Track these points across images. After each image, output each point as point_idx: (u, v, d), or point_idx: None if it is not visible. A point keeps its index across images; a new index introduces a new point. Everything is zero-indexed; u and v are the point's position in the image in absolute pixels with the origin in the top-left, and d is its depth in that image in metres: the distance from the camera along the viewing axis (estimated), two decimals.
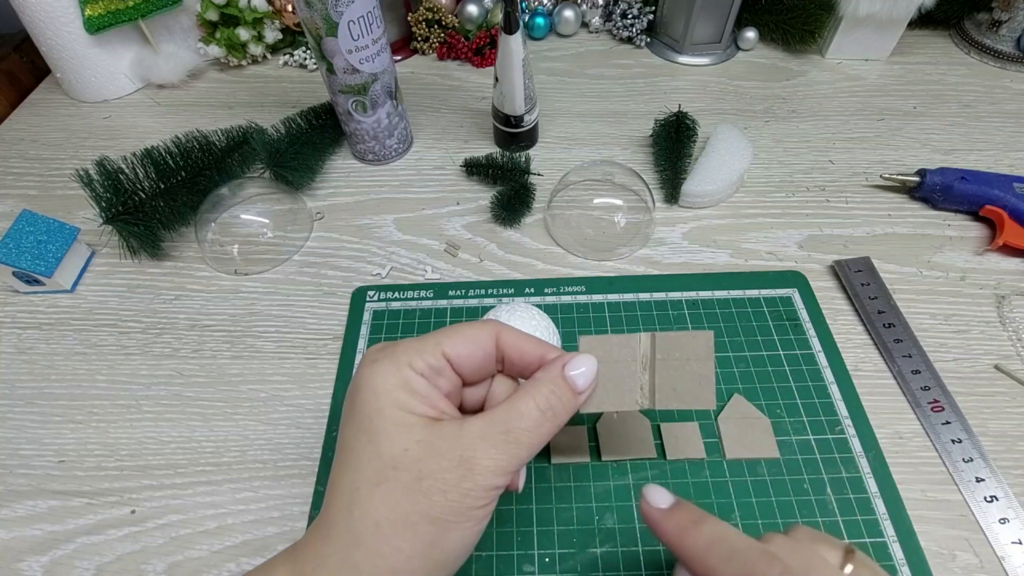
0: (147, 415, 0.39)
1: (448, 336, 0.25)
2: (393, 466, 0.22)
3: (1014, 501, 0.33)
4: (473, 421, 0.24)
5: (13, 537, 0.34)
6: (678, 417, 0.37)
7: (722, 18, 0.61)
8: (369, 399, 0.23)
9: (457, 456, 0.22)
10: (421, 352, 0.24)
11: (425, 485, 0.22)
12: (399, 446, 0.22)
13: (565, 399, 0.25)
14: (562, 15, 0.68)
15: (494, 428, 0.23)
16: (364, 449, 0.23)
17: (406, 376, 0.24)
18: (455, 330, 0.26)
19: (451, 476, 0.22)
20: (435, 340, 0.25)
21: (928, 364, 0.38)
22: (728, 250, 0.46)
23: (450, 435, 0.23)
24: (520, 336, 0.26)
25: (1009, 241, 0.44)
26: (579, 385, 0.25)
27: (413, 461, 0.22)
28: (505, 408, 0.24)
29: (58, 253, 0.44)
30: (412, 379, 0.24)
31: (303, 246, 0.48)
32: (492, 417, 0.24)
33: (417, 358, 0.24)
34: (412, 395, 0.23)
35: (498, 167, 0.51)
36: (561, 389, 0.25)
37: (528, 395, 0.24)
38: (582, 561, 0.32)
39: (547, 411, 0.24)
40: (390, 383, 0.23)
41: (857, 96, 0.60)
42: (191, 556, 0.33)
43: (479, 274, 0.46)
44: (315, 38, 0.44)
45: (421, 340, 0.25)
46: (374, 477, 0.22)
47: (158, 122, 0.61)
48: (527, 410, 0.24)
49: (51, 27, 0.57)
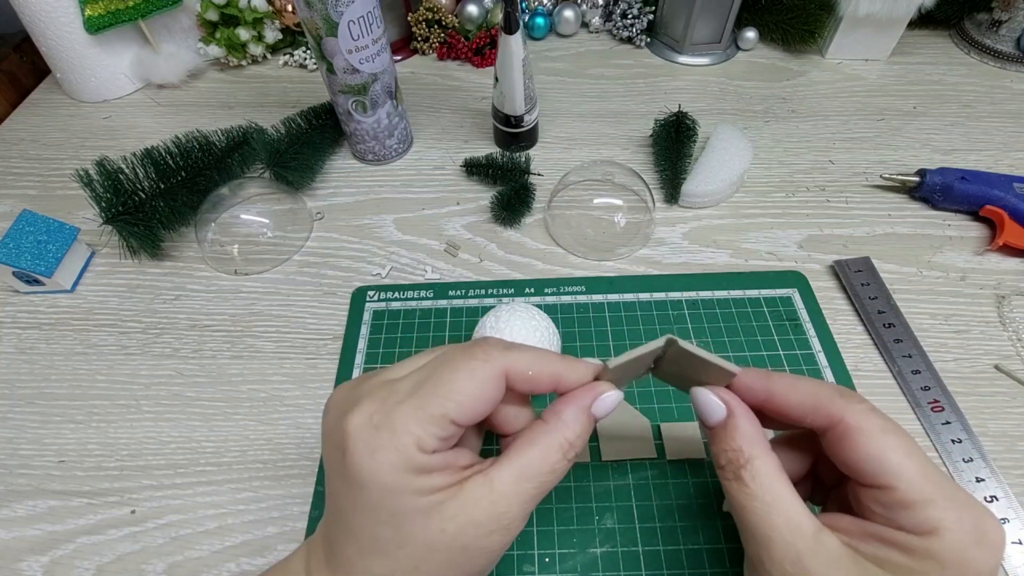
0: (147, 415, 0.39)
1: (453, 398, 0.22)
2: (430, 548, 0.21)
3: (1014, 501, 0.33)
4: (501, 475, 0.22)
5: (13, 537, 0.34)
6: (678, 417, 0.37)
7: (722, 18, 0.61)
8: (384, 498, 0.21)
9: (495, 522, 0.22)
10: (426, 428, 0.21)
11: (468, 555, 0.21)
12: (434, 530, 0.21)
13: (587, 435, 0.24)
14: (562, 15, 0.68)
15: (524, 483, 0.22)
16: (391, 540, 0.21)
17: (418, 463, 0.21)
18: (458, 387, 0.22)
19: (492, 540, 0.22)
20: (440, 407, 0.21)
21: (928, 364, 0.38)
22: (728, 250, 0.46)
23: (482, 499, 0.21)
24: (531, 363, 0.24)
25: (1009, 241, 0.44)
26: (599, 416, 0.24)
27: (452, 539, 0.21)
28: (534, 458, 0.23)
29: (58, 253, 0.44)
30: (425, 462, 0.21)
31: (303, 246, 0.48)
32: (520, 467, 0.22)
33: (425, 437, 0.21)
34: (429, 475, 0.21)
35: (498, 167, 0.51)
36: (586, 428, 0.24)
37: (555, 440, 0.23)
38: (582, 561, 0.32)
39: (570, 454, 0.23)
40: (402, 478, 0.21)
41: (857, 96, 0.60)
42: (191, 556, 0.33)
43: (479, 274, 0.46)
44: (315, 38, 0.44)
45: (420, 409, 0.21)
46: (410, 563, 0.21)
47: (158, 122, 0.61)
48: (555, 460, 0.23)
49: (51, 27, 0.57)
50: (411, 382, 0.22)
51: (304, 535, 0.33)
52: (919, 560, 0.20)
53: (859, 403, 0.23)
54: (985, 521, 0.20)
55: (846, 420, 0.22)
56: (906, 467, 0.21)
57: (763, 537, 0.22)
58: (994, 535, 0.20)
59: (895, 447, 0.21)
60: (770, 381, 0.24)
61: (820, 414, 0.23)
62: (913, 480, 0.21)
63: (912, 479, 0.21)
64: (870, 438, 0.22)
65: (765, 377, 0.25)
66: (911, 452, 0.21)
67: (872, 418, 0.22)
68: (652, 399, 0.37)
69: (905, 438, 0.22)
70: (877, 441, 0.21)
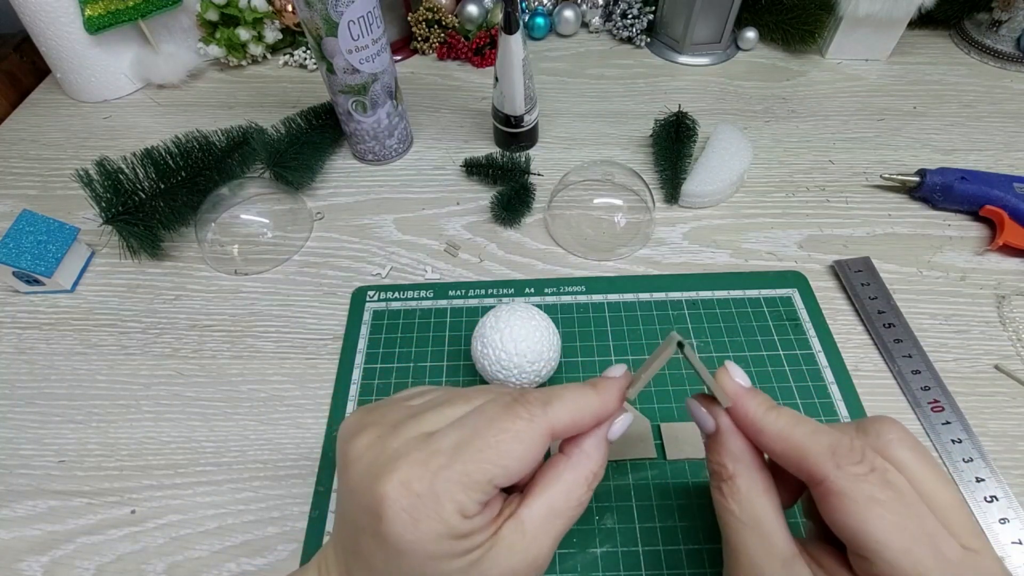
0: (147, 415, 0.39)
1: (499, 462, 0.21)
2: None
3: (1014, 501, 0.33)
4: (531, 515, 0.22)
5: (13, 537, 0.34)
6: (678, 417, 0.37)
7: (722, 18, 0.61)
8: (424, 564, 0.20)
9: (530, 566, 0.22)
10: (469, 495, 0.20)
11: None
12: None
13: (606, 461, 0.24)
14: (562, 15, 0.68)
15: (554, 519, 0.22)
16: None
17: (460, 530, 0.20)
18: (504, 449, 0.21)
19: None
20: (486, 473, 0.21)
21: (928, 364, 0.38)
22: (728, 250, 0.46)
23: (516, 545, 0.21)
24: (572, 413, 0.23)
25: (1009, 241, 0.44)
26: (614, 440, 0.25)
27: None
28: (561, 493, 0.23)
29: (58, 253, 0.44)
30: (467, 528, 0.20)
31: (303, 246, 0.48)
32: (549, 506, 0.22)
33: (468, 504, 0.20)
34: (469, 537, 0.21)
35: (498, 167, 0.51)
36: (606, 455, 0.24)
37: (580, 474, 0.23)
38: (582, 561, 0.32)
39: (595, 485, 0.24)
40: (444, 545, 0.20)
41: (857, 96, 0.60)
42: (191, 556, 0.33)
43: (479, 274, 0.46)
44: (315, 38, 0.44)
45: (467, 476, 0.20)
46: None
47: (158, 122, 0.61)
48: (582, 493, 0.23)
49: (51, 27, 0.57)
50: (451, 441, 0.21)
51: (304, 535, 0.33)
52: None
53: (854, 465, 0.21)
54: None
55: (827, 483, 0.21)
56: (886, 544, 0.19)
57: (733, 550, 0.23)
58: None
59: (878, 519, 0.20)
60: (763, 422, 0.23)
61: (803, 469, 0.22)
62: (894, 560, 0.19)
63: (892, 558, 0.19)
64: (852, 505, 0.20)
65: (760, 415, 0.23)
66: (900, 527, 0.20)
67: (863, 485, 0.20)
68: (652, 399, 0.37)
69: (899, 510, 0.20)
70: (859, 511, 0.20)
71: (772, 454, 0.23)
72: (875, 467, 0.21)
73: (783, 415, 0.23)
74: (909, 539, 0.20)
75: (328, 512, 0.34)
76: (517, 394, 0.23)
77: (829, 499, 0.21)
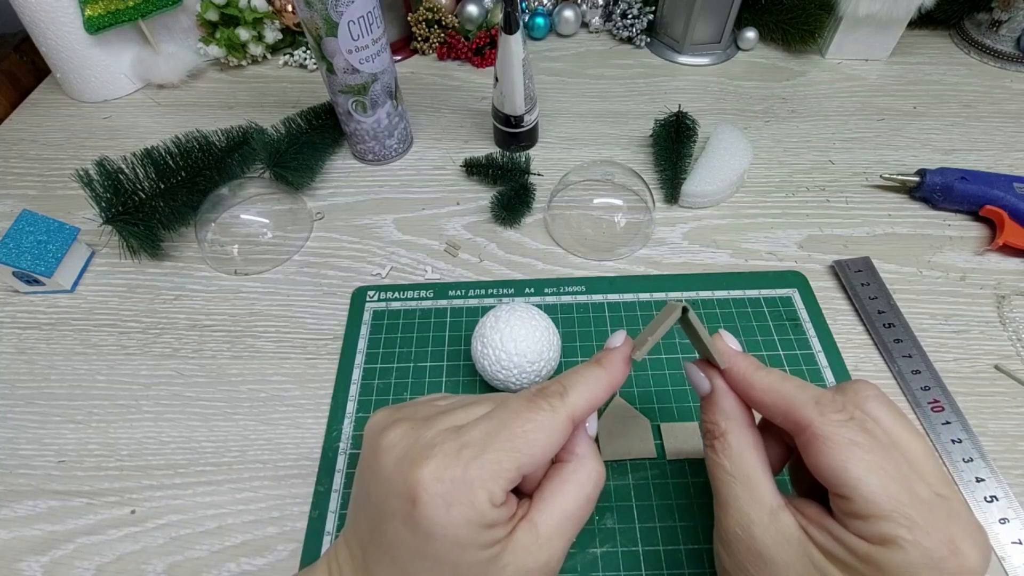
0: (147, 415, 0.39)
1: (527, 450, 0.22)
2: None
3: (1014, 501, 0.33)
4: (544, 519, 0.23)
5: (13, 537, 0.34)
6: (678, 417, 0.37)
7: (722, 18, 0.61)
8: (451, 551, 0.21)
9: (543, 567, 0.23)
10: (499, 482, 0.22)
11: None
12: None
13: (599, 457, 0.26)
14: (562, 15, 0.68)
15: (566, 523, 0.24)
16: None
17: (489, 518, 0.21)
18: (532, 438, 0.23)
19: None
20: (515, 461, 0.22)
21: (928, 364, 0.38)
22: (728, 250, 0.46)
23: (531, 546, 0.22)
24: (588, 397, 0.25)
25: (1009, 241, 0.44)
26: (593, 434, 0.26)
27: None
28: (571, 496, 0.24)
29: (58, 253, 0.44)
30: (495, 516, 0.22)
31: (303, 246, 0.48)
32: (561, 509, 0.24)
33: (497, 492, 0.22)
34: (494, 528, 0.22)
35: (498, 167, 0.51)
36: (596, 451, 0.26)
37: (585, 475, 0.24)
38: (582, 561, 0.32)
39: (601, 483, 0.25)
40: (473, 532, 0.21)
41: (857, 96, 0.60)
42: (191, 556, 0.33)
43: (479, 274, 0.46)
44: (315, 38, 0.44)
45: (498, 464, 0.22)
46: None
47: (158, 122, 0.61)
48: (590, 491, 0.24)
49: (51, 27, 0.57)
50: (480, 433, 0.23)
51: (304, 535, 0.33)
52: (862, 563, 0.20)
53: (836, 412, 0.22)
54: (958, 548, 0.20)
55: (812, 428, 0.22)
56: (865, 481, 0.21)
57: (723, 502, 0.25)
58: (966, 562, 0.20)
59: (857, 460, 0.21)
60: (754, 377, 0.25)
61: (789, 419, 0.24)
62: (871, 495, 0.21)
63: (870, 495, 0.21)
64: (833, 448, 0.22)
65: (751, 372, 0.25)
66: (877, 467, 0.21)
67: (843, 429, 0.22)
68: (652, 399, 0.37)
69: (876, 452, 0.21)
70: (840, 452, 0.22)
71: (762, 407, 0.25)
72: (854, 416, 0.23)
73: (772, 372, 0.25)
74: (886, 477, 0.21)
75: (328, 512, 0.34)
76: (537, 388, 0.25)
77: (814, 444, 0.22)
